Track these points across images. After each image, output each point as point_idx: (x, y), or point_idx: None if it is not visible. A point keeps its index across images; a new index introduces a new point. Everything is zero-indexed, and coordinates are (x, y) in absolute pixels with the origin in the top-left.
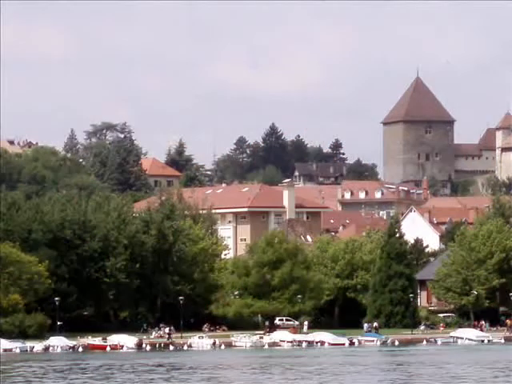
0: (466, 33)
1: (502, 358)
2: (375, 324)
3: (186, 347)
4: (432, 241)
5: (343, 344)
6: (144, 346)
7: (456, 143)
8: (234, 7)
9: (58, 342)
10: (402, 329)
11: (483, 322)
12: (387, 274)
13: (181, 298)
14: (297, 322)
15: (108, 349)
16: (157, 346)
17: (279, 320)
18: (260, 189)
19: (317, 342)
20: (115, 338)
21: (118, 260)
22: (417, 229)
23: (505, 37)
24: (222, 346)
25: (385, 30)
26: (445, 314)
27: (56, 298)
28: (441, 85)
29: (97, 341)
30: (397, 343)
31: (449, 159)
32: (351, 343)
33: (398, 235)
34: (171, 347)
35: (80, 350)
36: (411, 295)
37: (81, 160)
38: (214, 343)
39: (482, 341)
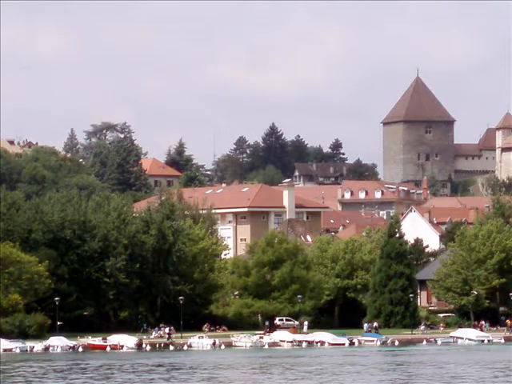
0: (466, 33)
1: (502, 358)
2: (375, 324)
3: (185, 347)
4: (432, 241)
5: (343, 344)
6: (144, 346)
7: (456, 143)
8: (234, 7)
9: (58, 342)
10: (402, 329)
11: (483, 322)
12: (387, 274)
13: (181, 298)
14: (297, 322)
15: (108, 349)
16: (157, 346)
17: (279, 320)
18: (260, 189)
19: (317, 342)
20: (115, 338)
21: (118, 260)
22: (417, 229)
23: (505, 37)
24: (222, 346)
25: (385, 29)
26: (445, 314)
27: (56, 298)
28: (441, 85)
29: (97, 341)
30: (397, 343)
31: (449, 159)
32: (351, 343)
33: (398, 235)
34: (171, 347)
35: (80, 350)
36: (411, 295)
37: (81, 160)
38: (214, 343)
39: (482, 341)
